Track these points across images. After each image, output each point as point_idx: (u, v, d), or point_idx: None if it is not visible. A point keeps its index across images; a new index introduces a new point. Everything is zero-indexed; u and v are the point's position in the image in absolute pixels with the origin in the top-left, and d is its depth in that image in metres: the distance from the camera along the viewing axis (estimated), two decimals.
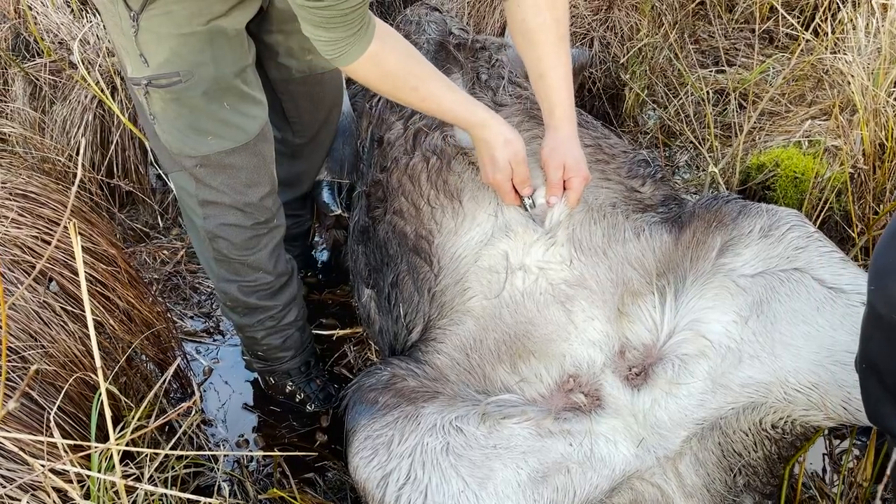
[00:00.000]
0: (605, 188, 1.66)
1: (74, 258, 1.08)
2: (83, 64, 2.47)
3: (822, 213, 2.10)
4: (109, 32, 1.60)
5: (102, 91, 2.39)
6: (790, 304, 1.41)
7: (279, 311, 1.90)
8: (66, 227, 1.47)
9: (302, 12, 1.31)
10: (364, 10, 1.32)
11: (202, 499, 1.37)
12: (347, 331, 2.19)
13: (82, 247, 1.63)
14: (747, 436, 1.37)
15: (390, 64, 1.42)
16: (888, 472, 1.38)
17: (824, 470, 1.74)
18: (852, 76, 2.14)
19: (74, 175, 2.56)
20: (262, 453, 1.88)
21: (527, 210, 1.55)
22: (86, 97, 2.58)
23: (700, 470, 1.36)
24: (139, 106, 1.63)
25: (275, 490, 1.71)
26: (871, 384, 1.04)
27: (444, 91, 1.48)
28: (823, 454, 1.77)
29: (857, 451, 1.75)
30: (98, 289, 1.66)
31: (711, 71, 2.92)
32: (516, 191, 1.54)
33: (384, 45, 1.39)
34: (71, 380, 1.43)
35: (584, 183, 1.52)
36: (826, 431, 1.78)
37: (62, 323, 1.53)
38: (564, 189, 1.53)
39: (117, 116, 2.50)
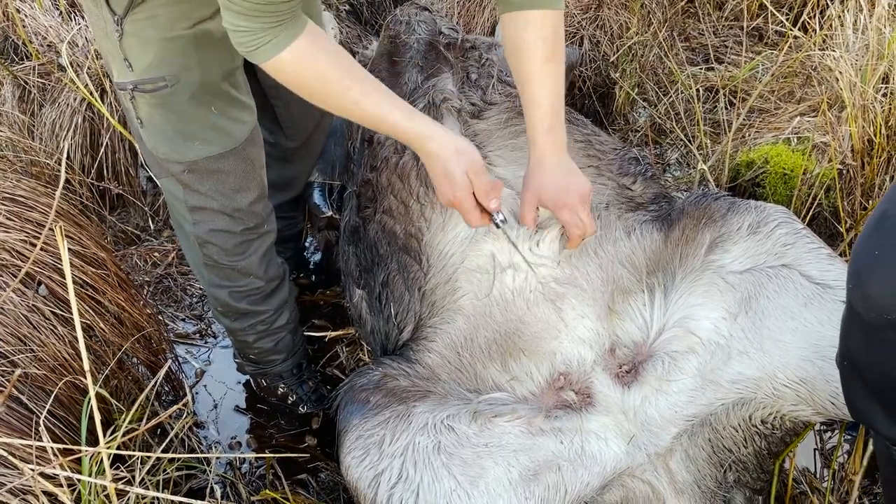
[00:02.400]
0: (598, 184, 1.66)
1: (62, 261, 1.07)
2: (72, 66, 2.46)
3: (812, 210, 2.11)
4: (95, 36, 1.59)
5: (91, 94, 2.38)
6: (778, 301, 1.42)
7: (270, 316, 1.89)
8: (51, 230, 1.47)
9: (224, 0, 1.24)
10: (294, 7, 1.25)
11: (194, 501, 1.37)
12: (339, 332, 2.19)
13: (71, 250, 1.63)
14: (737, 431, 1.37)
15: (322, 62, 1.30)
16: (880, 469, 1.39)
17: (815, 465, 1.75)
18: (840, 73, 2.15)
19: (66, 179, 2.55)
20: (254, 455, 1.88)
21: (498, 227, 1.42)
22: (75, 100, 2.57)
23: (691, 466, 1.36)
24: (126, 111, 1.62)
25: (267, 492, 1.71)
26: (852, 380, 1.05)
27: (381, 96, 1.35)
28: (814, 450, 1.78)
29: (847, 447, 1.76)
30: (88, 292, 1.65)
31: (701, 68, 2.93)
32: (482, 208, 1.40)
33: (315, 43, 1.29)
34: (61, 383, 1.43)
35: (567, 211, 1.41)
36: (816, 427, 1.79)
37: (51, 326, 1.52)
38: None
39: (107, 119, 2.49)
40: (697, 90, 2.65)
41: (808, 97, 2.56)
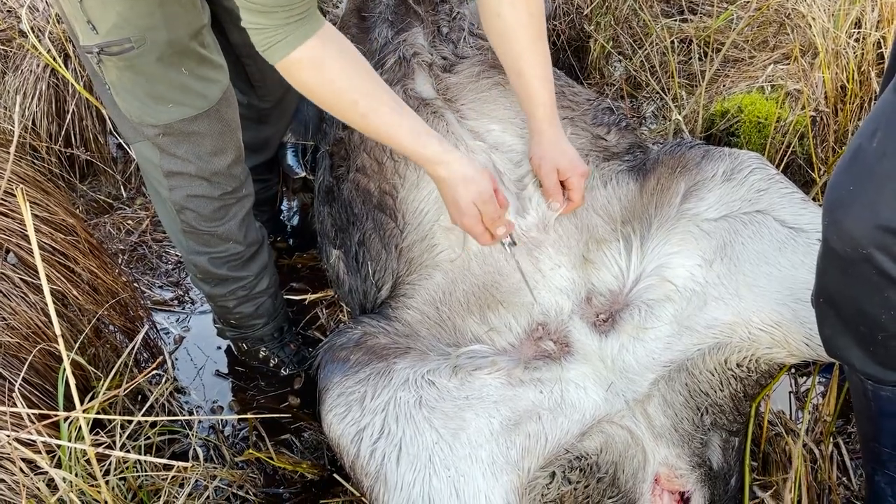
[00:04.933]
0: (571, 135, 1.65)
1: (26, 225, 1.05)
2: (33, 32, 2.39)
3: (786, 157, 2.12)
4: (54, 0, 1.53)
5: (55, 59, 2.32)
6: (753, 246, 1.43)
7: (251, 281, 1.87)
8: (12, 194, 1.43)
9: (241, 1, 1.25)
10: (310, 6, 1.26)
11: (176, 463, 1.37)
12: (318, 294, 2.18)
13: (39, 217, 1.60)
14: (713, 375, 1.39)
15: (332, 69, 1.30)
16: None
17: (790, 407, 1.79)
18: (813, 18, 2.15)
19: (32, 147, 2.49)
20: (236, 416, 1.88)
21: (506, 249, 1.44)
22: (38, 66, 2.50)
23: (668, 411, 1.38)
24: (94, 75, 1.57)
25: (251, 451, 1.72)
26: (828, 317, 1.07)
27: (391, 113, 1.33)
28: (789, 392, 1.82)
29: (821, 389, 1.79)
30: (58, 259, 1.62)
31: (676, 20, 2.90)
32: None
33: (326, 48, 1.29)
34: (35, 351, 1.41)
35: (584, 178, 1.46)
36: (791, 370, 1.82)
37: (22, 294, 1.50)
38: (564, 190, 1.47)
39: (72, 85, 2.43)
40: (672, 42, 2.63)
41: (781, 45, 2.55)
